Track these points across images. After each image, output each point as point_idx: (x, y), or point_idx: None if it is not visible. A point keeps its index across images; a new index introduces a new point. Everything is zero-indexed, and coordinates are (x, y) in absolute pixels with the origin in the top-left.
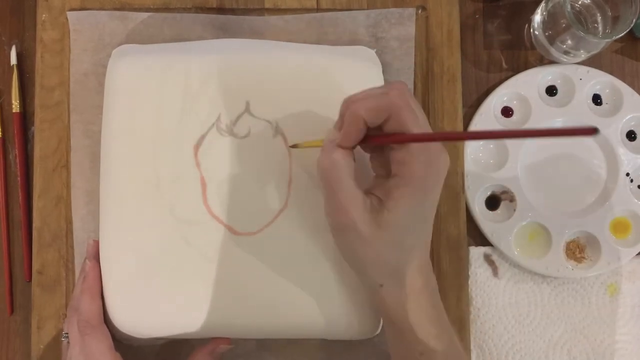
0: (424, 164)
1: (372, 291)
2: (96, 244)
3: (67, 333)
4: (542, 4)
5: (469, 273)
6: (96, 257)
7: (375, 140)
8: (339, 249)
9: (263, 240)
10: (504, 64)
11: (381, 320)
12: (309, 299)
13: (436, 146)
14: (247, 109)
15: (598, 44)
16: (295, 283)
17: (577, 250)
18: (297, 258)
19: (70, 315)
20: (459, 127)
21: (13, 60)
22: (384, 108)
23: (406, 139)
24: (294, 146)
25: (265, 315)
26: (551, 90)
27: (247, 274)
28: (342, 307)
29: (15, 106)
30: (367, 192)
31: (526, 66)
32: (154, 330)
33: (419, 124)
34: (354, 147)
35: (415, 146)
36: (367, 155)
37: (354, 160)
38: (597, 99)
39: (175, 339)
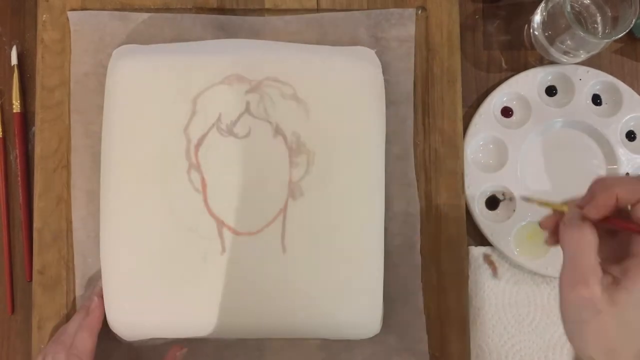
0: None
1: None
2: (101, 288)
3: None
4: (542, 5)
5: (469, 273)
6: (101, 297)
7: (620, 224)
8: (565, 321)
9: (263, 240)
10: (503, 64)
11: (381, 320)
12: (309, 298)
13: None
14: (247, 109)
15: (598, 44)
16: (296, 283)
17: None
18: (297, 258)
19: (56, 351)
20: (459, 127)
21: (14, 60)
22: None
23: None
24: (528, 200)
25: (266, 315)
26: (551, 91)
27: (247, 274)
28: (343, 307)
29: (16, 106)
30: (604, 272)
31: (526, 66)
32: (154, 330)
33: None
34: (596, 222)
35: None
36: None
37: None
38: (596, 99)
39: (175, 339)
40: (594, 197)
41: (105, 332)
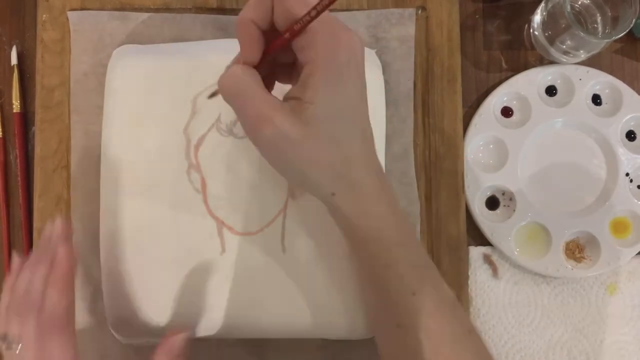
0: (328, 40)
1: (327, 204)
2: (64, 224)
3: (5, 335)
4: (542, 4)
5: (469, 273)
6: (67, 240)
7: (273, 45)
8: (278, 170)
9: (263, 240)
10: (503, 64)
11: None
12: (309, 298)
13: (339, 25)
14: None
15: (598, 44)
16: (296, 283)
17: (577, 250)
18: (297, 258)
19: (23, 314)
20: (459, 127)
21: (14, 60)
22: None
23: (299, 25)
24: (213, 95)
25: (266, 315)
26: (551, 91)
27: (247, 274)
28: (343, 307)
29: (16, 106)
30: (285, 99)
31: (526, 66)
32: (153, 331)
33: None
34: (259, 64)
35: (315, 27)
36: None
37: (260, 74)
38: (596, 99)
39: None
40: (240, 42)
41: (104, 332)
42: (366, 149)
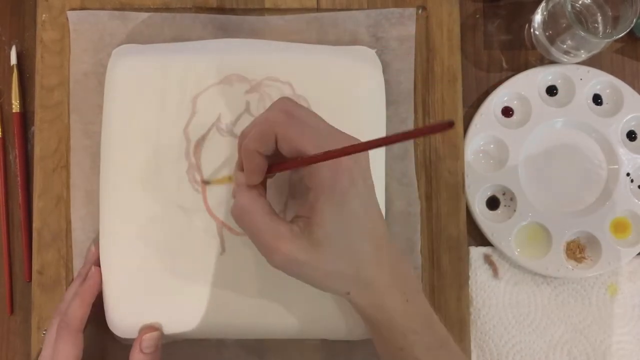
0: (329, 168)
1: (343, 298)
2: (98, 251)
3: (45, 331)
4: (543, 4)
5: (469, 273)
6: (100, 264)
7: (277, 168)
8: (297, 279)
9: None
10: (504, 64)
11: None
12: (309, 299)
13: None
14: (247, 109)
15: (598, 43)
16: (296, 283)
17: (578, 250)
18: None
19: (54, 316)
20: (460, 127)
21: (13, 60)
22: (267, 131)
23: (301, 162)
24: (206, 182)
25: (266, 315)
26: (551, 90)
27: (247, 275)
28: (343, 307)
29: (16, 106)
30: (295, 217)
31: (526, 66)
32: None
33: (306, 135)
34: (262, 180)
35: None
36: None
37: (265, 195)
38: (597, 99)
39: (174, 339)
40: (245, 165)
41: (105, 332)
42: (377, 248)
